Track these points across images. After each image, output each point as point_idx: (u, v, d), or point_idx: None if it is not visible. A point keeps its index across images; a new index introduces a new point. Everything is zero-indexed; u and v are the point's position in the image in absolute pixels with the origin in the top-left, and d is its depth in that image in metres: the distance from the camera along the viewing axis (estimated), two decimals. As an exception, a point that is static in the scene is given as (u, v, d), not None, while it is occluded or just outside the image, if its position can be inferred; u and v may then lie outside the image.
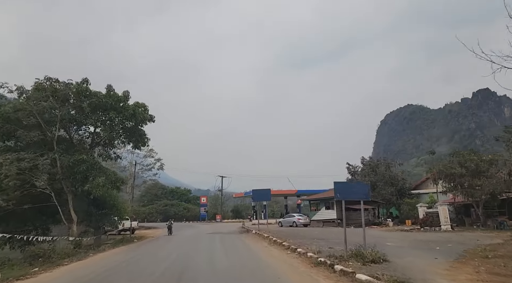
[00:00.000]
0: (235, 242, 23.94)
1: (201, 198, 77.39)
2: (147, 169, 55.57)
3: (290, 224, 39.78)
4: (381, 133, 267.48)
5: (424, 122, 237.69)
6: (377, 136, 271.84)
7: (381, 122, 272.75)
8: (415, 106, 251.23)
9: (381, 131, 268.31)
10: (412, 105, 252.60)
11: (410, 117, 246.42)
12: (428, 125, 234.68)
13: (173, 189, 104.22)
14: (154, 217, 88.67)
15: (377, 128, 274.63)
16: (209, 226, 49.12)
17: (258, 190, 35.40)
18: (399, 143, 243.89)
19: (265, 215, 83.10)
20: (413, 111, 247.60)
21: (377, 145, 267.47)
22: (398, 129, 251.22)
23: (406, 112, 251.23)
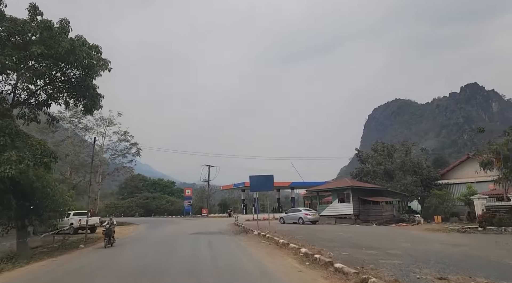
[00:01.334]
0: (234, 252, 14.48)
1: (185, 190, 68.28)
2: (121, 154, 46.10)
3: (295, 220, 30.97)
4: (368, 127, 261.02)
5: (412, 117, 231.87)
6: (364, 131, 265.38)
7: (368, 117, 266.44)
8: (402, 100, 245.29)
9: (369, 126, 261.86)
10: (400, 99, 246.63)
11: (398, 112, 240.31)
12: (416, 120, 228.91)
13: (156, 180, 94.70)
14: (134, 211, 79.28)
15: (365, 123, 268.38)
16: (193, 222, 40.02)
17: (256, 176, 26.49)
18: (387, 137, 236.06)
19: (256, 209, 74.36)
20: (401, 105, 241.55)
21: (364, 139, 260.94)
22: (386, 124, 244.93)
23: (394, 106, 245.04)
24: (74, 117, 44.18)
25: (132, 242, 21.20)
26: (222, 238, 20.36)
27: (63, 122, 44.15)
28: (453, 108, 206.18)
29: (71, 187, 44.00)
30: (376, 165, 40.55)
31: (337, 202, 32.04)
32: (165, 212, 78.68)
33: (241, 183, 67.03)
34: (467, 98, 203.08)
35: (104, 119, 45.15)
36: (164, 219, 52.33)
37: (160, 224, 38.13)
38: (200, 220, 45.03)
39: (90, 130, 45.13)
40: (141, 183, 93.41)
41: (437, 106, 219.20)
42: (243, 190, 74.75)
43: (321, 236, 18.39)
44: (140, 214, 77.23)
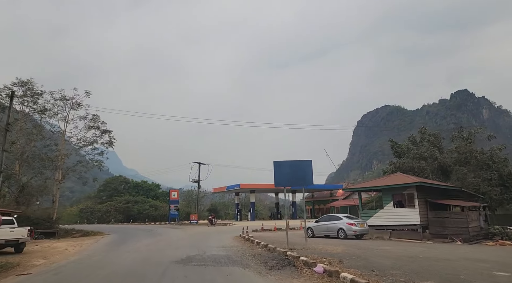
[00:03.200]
0: None
1: (171, 192, 56.99)
2: (87, 143, 34.69)
3: (331, 232, 20.14)
4: (357, 134, 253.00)
5: (402, 123, 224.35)
6: (353, 137, 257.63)
7: (357, 123, 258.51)
8: (392, 107, 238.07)
9: (358, 132, 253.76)
10: (390, 106, 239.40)
11: (387, 118, 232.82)
12: (406, 126, 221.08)
13: (138, 183, 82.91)
14: (112, 216, 67.59)
15: (354, 129, 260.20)
16: (180, 233, 28.68)
17: (286, 162, 15.67)
18: (376, 144, 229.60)
19: (252, 215, 63.76)
20: (390, 112, 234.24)
21: (353, 145, 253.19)
22: (375, 130, 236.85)
23: (384, 113, 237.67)
24: (27, 96, 33.01)
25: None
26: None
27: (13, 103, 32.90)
28: (443, 114, 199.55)
29: (19, 185, 32.54)
30: (421, 159, 30.45)
31: (391, 206, 21.36)
32: (148, 217, 67.22)
33: (236, 185, 56.19)
34: (458, 105, 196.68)
35: (67, 99, 33.91)
36: (143, 227, 40.98)
37: (134, 236, 26.95)
38: (189, 230, 33.84)
39: (47, 112, 33.80)
40: (122, 185, 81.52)
41: (427, 112, 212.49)
42: (237, 193, 63.80)
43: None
44: (119, 220, 65.52)
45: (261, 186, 57.34)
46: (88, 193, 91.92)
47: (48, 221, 32.73)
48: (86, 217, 68.08)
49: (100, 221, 64.70)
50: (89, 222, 63.71)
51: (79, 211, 70.61)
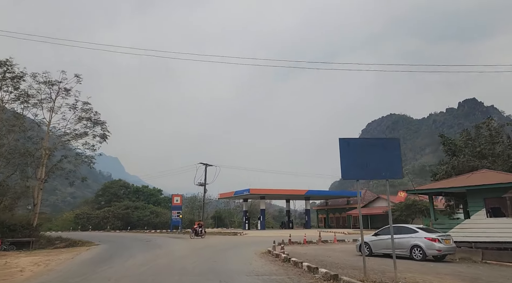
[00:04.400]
0: None
1: (173, 197, 50.83)
2: (75, 136, 28.64)
3: (401, 249, 13.84)
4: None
5: (408, 132, 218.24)
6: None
7: (362, 131, 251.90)
8: (398, 115, 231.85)
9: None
10: (395, 114, 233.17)
11: (393, 127, 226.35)
12: (412, 135, 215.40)
13: (139, 187, 76.73)
14: (110, 222, 61.40)
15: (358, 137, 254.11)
16: (185, 246, 22.15)
17: (358, 140, 9.98)
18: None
19: (262, 224, 57.38)
20: (396, 120, 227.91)
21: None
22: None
23: (389, 121, 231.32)
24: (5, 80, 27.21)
25: None
26: None
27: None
28: (450, 123, 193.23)
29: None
30: (481, 158, 24.49)
31: (482, 214, 15.18)
32: (148, 225, 61.10)
33: (245, 190, 50.03)
34: (466, 114, 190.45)
35: (52, 83, 28.03)
36: (141, 236, 34.75)
37: (127, 248, 20.81)
38: (195, 241, 27.64)
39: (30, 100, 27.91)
40: (122, 190, 75.38)
41: (433, 121, 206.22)
42: (245, 200, 57.62)
43: None
44: (117, 227, 59.32)
45: (273, 191, 51.23)
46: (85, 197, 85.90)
47: (27, 227, 26.81)
48: (82, 223, 61.88)
49: (96, 228, 58.50)
50: (83, 229, 57.47)
51: (75, 217, 64.42)
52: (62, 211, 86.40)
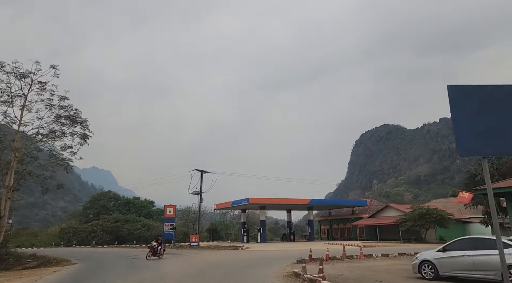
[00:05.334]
0: None
1: (165, 208, 46.15)
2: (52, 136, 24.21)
3: (488, 272, 9.59)
4: (356, 153, 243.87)
5: (401, 142, 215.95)
6: (352, 156, 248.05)
7: (356, 142, 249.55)
8: (391, 126, 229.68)
9: (356, 152, 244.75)
10: (389, 125, 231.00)
11: (386, 137, 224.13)
12: (406, 146, 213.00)
13: (129, 199, 71.79)
14: (98, 237, 56.37)
15: (352, 148, 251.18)
16: (181, 267, 17.49)
17: (477, 89, 5.48)
18: (376, 163, 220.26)
19: (262, 236, 52.85)
20: (389, 131, 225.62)
21: (352, 165, 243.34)
22: (374, 149, 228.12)
23: (383, 132, 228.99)
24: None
25: None
26: None
27: None
28: (444, 133, 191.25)
29: None
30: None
31: None
32: (139, 238, 56.36)
33: (244, 200, 45.71)
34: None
35: (24, 75, 23.76)
36: (129, 252, 30.13)
37: (106, 269, 16.39)
38: (192, 257, 23.03)
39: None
40: (112, 202, 70.52)
41: (427, 131, 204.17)
42: (244, 210, 53.17)
43: None
44: (105, 241, 54.42)
45: (274, 200, 46.91)
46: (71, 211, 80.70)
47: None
48: (68, 238, 56.84)
49: (83, 243, 53.51)
50: (67, 244, 52.44)
51: (60, 232, 59.30)
52: (51, 226, 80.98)
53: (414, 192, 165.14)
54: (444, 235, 42.67)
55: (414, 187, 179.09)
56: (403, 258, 18.77)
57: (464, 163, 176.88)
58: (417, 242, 40.97)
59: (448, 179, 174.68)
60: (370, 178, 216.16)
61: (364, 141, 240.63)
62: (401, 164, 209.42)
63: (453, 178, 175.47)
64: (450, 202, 50.97)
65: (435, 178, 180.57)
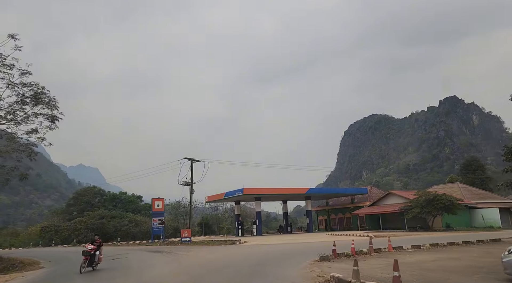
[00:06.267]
0: None
1: (153, 201, 42.34)
2: (12, 120, 20.09)
3: None
4: (345, 143, 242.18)
5: (390, 132, 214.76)
6: (341, 147, 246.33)
7: (345, 133, 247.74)
8: (380, 115, 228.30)
9: (345, 142, 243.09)
10: (377, 114, 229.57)
11: (375, 127, 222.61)
12: (394, 135, 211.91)
13: (116, 195, 67.47)
14: (82, 235, 52.10)
15: (341, 139, 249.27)
16: (170, 270, 13.92)
17: None
18: (365, 153, 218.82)
19: (259, 229, 49.42)
20: (378, 120, 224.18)
21: (341, 155, 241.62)
22: (363, 139, 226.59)
23: (371, 122, 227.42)
24: None
25: None
26: None
27: None
28: (432, 122, 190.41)
29: None
30: None
31: None
32: (127, 235, 52.49)
33: (238, 191, 42.18)
34: (447, 112, 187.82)
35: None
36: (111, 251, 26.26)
37: (71, 278, 12.51)
38: (184, 256, 19.21)
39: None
40: (97, 198, 66.15)
41: (416, 120, 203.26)
42: (237, 202, 49.66)
43: None
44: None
45: (270, 190, 43.48)
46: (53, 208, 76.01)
47: None
48: (49, 237, 52.48)
49: (66, 242, 49.31)
50: (47, 243, 48.28)
51: (41, 230, 54.82)
52: (33, 225, 76.25)
53: (403, 181, 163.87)
54: (450, 222, 39.84)
55: (403, 176, 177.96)
56: (443, 250, 15.50)
57: (452, 150, 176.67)
58: (424, 230, 38.07)
59: (437, 167, 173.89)
60: (359, 168, 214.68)
61: (353, 132, 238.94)
62: (390, 153, 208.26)
63: (442, 166, 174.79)
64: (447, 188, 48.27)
65: (424, 167, 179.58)
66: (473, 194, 47.73)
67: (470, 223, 41.47)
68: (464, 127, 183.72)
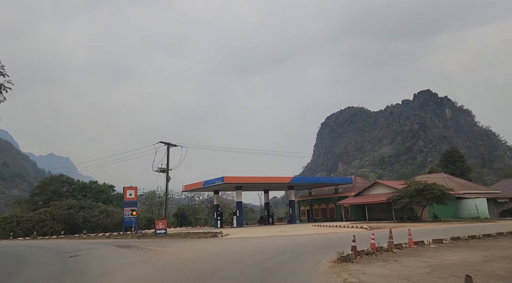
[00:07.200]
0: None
1: (125, 190, 38.57)
2: None
3: None
4: (321, 136, 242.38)
5: (366, 124, 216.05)
6: (317, 139, 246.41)
7: (321, 125, 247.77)
8: (356, 108, 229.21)
9: (322, 134, 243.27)
10: (353, 107, 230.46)
11: (351, 120, 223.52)
12: (370, 127, 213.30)
13: (85, 184, 62.67)
14: (47, 227, 47.77)
15: (318, 131, 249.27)
16: (136, 275, 10.91)
17: None
18: (341, 145, 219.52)
19: (239, 220, 46.41)
20: (354, 113, 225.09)
21: (317, 147, 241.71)
22: (339, 132, 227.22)
23: (347, 114, 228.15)
24: None
25: None
26: None
27: None
28: (407, 115, 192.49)
29: None
30: None
31: None
32: (97, 227, 48.67)
33: (217, 179, 39.03)
34: (421, 105, 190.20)
35: None
36: (74, 246, 22.55)
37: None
38: (159, 253, 15.82)
39: None
40: (64, 187, 61.25)
41: (391, 113, 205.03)
42: (216, 192, 46.51)
43: None
44: (56, 231, 46.11)
45: (252, 179, 40.53)
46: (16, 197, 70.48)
47: None
48: (10, 228, 47.75)
49: (28, 234, 44.82)
50: (7, 235, 43.88)
51: (1, 221, 49.88)
52: None
53: (378, 173, 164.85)
54: (438, 213, 38.10)
55: (378, 167, 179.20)
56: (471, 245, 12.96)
57: (425, 143, 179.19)
58: (412, 221, 36.16)
59: (411, 159, 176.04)
60: (335, 160, 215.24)
61: (330, 124, 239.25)
62: (365, 145, 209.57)
63: (416, 158, 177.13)
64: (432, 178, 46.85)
65: (398, 159, 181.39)
66: (457, 184, 46.54)
67: (458, 214, 39.97)
68: (437, 121, 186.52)
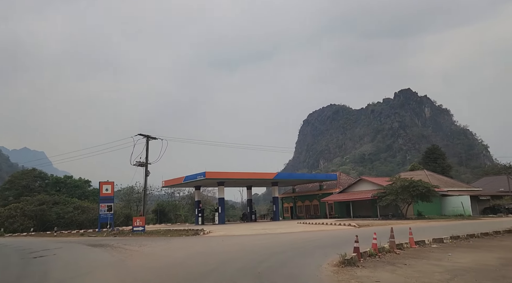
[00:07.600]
0: None
1: (101, 185, 36.63)
2: None
3: None
4: (303, 133, 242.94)
5: (347, 122, 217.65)
6: (299, 136, 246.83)
7: (303, 122, 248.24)
8: (338, 106, 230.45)
9: (304, 131, 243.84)
10: (335, 105, 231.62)
11: (333, 117, 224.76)
12: (351, 125, 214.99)
13: (59, 178, 59.92)
14: (17, 223, 45.28)
15: (300, 128, 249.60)
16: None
17: None
18: (322, 143, 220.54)
19: (221, 217, 44.98)
20: (336, 110, 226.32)
21: (299, 144, 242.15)
22: (321, 129, 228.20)
23: (329, 111, 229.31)
24: None
25: None
26: None
27: None
28: (387, 113, 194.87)
29: None
30: None
31: None
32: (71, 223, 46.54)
33: (199, 174, 37.52)
34: (401, 104, 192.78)
35: None
36: (41, 245, 20.73)
37: None
38: (134, 254, 14.33)
39: None
40: (37, 182, 58.40)
41: (372, 111, 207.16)
42: (197, 188, 44.98)
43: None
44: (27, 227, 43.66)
45: (234, 175, 39.22)
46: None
47: None
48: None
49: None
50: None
51: (-34, 217, 46.94)
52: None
53: (359, 170, 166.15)
54: (422, 210, 37.70)
55: (359, 165, 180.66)
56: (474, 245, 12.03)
57: (405, 141, 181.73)
58: (397, 218, 35.62)
59: (391, 157, 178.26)
60: (317, 157, 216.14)
61: (312, 121, 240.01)
62: (346, 143, 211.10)
63: (395, 156, 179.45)
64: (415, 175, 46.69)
65: (378, 156, 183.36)
66: (440, 181, 46.44)
67: (441, 211, 39.76)
68: (416, 119, 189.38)
